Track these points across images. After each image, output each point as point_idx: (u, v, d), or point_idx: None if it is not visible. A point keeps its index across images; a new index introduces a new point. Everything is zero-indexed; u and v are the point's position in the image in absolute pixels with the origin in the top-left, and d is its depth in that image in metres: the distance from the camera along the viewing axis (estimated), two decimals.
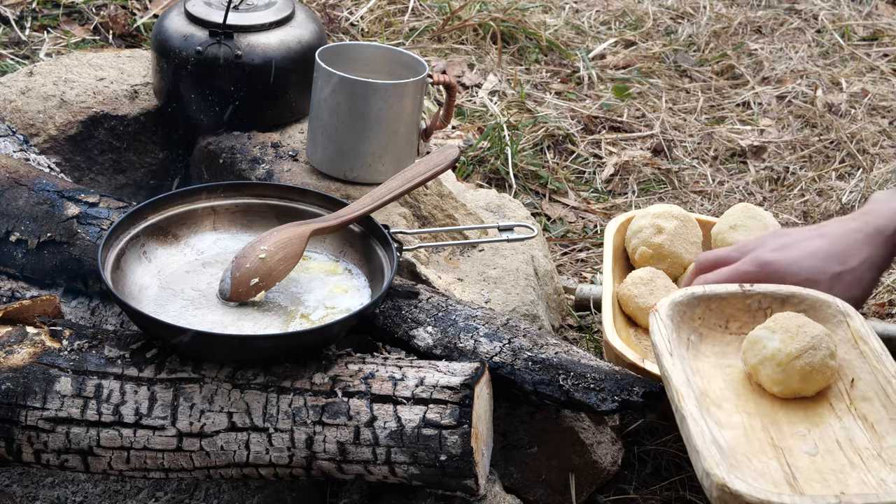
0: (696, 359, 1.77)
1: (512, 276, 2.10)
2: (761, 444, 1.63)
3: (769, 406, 1.70)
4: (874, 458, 1.61)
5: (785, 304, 1.79)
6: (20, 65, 2.89)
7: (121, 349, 1.71)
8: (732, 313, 1.81)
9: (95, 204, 1.95)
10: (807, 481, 1.58)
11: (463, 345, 1.76)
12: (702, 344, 1.80)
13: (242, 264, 1.81)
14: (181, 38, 2.24)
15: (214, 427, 1.66)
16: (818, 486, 1.57)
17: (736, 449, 1.60)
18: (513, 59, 3.27)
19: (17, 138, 2.20)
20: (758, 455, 1.61)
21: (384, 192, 1.90)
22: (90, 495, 1.82)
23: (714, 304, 1.81)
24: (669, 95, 3.16)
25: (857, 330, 1.75)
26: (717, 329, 1.81)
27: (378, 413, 1.64)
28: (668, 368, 1.67)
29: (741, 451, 1.61)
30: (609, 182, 2.85)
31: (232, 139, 2.27)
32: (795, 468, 1.60)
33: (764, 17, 3.57)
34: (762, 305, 1.80)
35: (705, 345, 1.80)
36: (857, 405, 1.69)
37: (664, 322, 1.75)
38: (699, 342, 1.79)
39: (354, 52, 2.21)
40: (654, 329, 1.74)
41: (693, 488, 1.98)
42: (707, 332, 1.81)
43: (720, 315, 1.81)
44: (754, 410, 1.69)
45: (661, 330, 1.73)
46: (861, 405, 1.69)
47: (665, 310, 1.77)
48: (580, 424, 1.88)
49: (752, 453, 1.61)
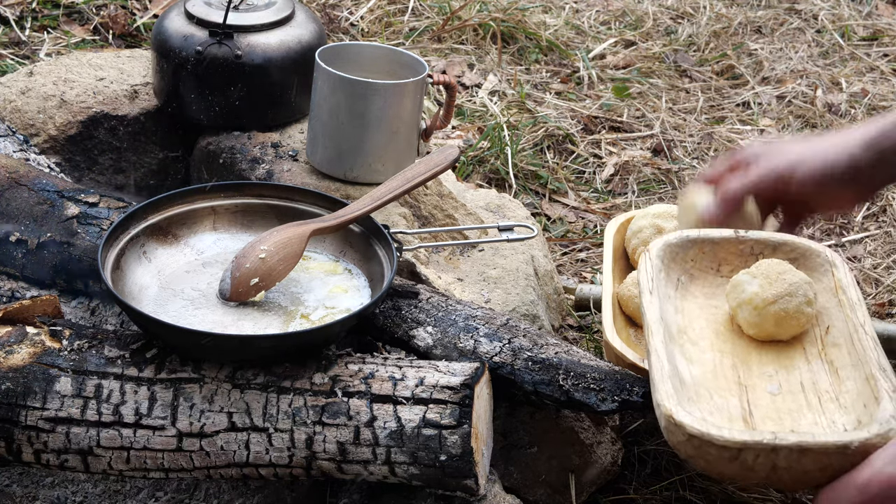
0: (684, 298, 1.84)
1: (512, 276, 2.10)
2: (727, 381, 1.70)
3: (744, 347, 1.78)
4: (832, 401, 1.67)
5: (776, 250, 1.86)
6: (20, 65, 2.89)
7: (121, 349, 1.71)
8: (725, 257, 1.87)
9: (95, 204, 1.95)
10: (762, 419, 1.65)
11: (463, 345, 1.76)
12: (692, 285, 1.86)
13: (242, 264, 1.81)
14: (181, 38, 2.24)
15: (214, 427, 1.66)
16: (771, 423, 1.64)
17: (700, 384, 1.68)
18: (513, 59, 3.27)
19: (17, 138, 2.20)
20: (721, 391, 1.68)
21: (384, 192, 1.90)
22: (90, 495, 1.82)
23: (707, 248, 1.87)
24: (669, 95, 3.16)
25: (839, 280, 1.81)
26: (709, 272, 1.87)
27: (378, 413, 1.64)
28: (644, 305, 1.74)
29: (705, 387, 1.68)
30: (609, 182, 2.85)
31: (232, 139, 2.27)
32: (754, 406, 1.66)
33: (764, 17, 3.57)
34: (754, 251, 1.86)
35: (695, 286, 1.86)
36: (827, 351, 1.76)
37: (652, 262, 1.81)
38: (689, 283, 1.86)
39: (354, 52, 2.21)
40: (641, 267, 1.81)
41: (693, 488, 1.98)
42: (699, 273, 1.87)
43: (713, 258, 1.87)
44: (729, 350, 1.77)
45: (647, 269, 1.80)
46: (831, 351, 1.75)
47: (656, 250, 1.83)
48: (580, 424, 1.88)
49: (715, 389, 1.68)
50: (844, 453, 1.52)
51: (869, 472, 1.50)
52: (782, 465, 1.54)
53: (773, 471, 1.55)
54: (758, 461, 1.54)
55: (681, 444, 1.57)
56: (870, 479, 1.49)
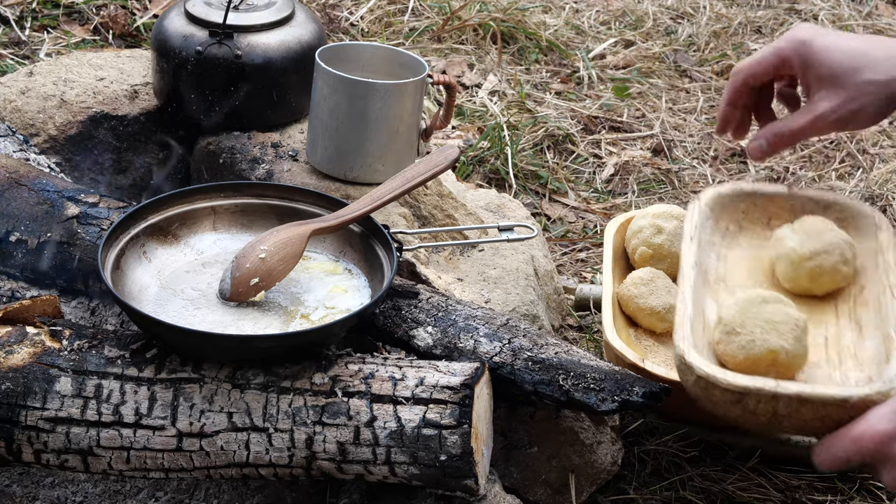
0: (730, 247, 1.87)
1: (512, 276, 2.10)
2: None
3: None
4: (850, 358, 1.71)
5: (827, 210, 1.88)
6: (20, 65, 2.89)
7: (121, 349, 1.71)
8: (776, 211, 1.90)
9: (95, 204, 1.95)
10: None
11: (463, 345, 1.76)
12: (740, 235, 1.89)
13: (242, 264, 1.81)
14: (181, 38, 2.23)
15: (214, 427, 1.66)
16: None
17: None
18: (513, 59, 3.27)
19: (17, 138, 2.20)
20: None
21: (384, 192, 1.90)
22: (90, 495, 1.82)
23: (759, 201, 1.90)
24: (669, 95, 3.16)
25: (881, 242, 1.83)
26: (759, 224, 1.90)
27: (378, 413, 1.64)
28: (683, 251, 1.78)
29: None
30: (609, 182, 2.85)
31: (232, 139, 2.27)
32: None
33: (764, 17, 3.57)
34: (805, 208, 1.89)
35: (743, 236, 1.89)
36: (857, 310, 1.78)
37: (701, 209, 1.85)
38: (738, 233, 1.89)
39: (354, 52, 2.21)
40: (688, 215, 1.84)
41: (693, 488, 1.98)
42: (749, 225, 1.90)
43: (763, 212, 1.90)
44: None
45: (693, 216, 1.83)
46: (860, 310, 1.78)
47: (706, 199, 1.87)
48: (580, 424, 1.88)
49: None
50: (843, 406, 1.56)
51: (864, 426, 1.53)
52: (782, 413, 1.58)
53: (774, 417, 1.58)
54: (759, 406, 1.57)
55: (691, 385, 1.62)
56: (863, 433, 1.52)
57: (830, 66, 1.75)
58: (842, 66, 1.75)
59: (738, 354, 1.66)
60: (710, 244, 1.84)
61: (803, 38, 1.77)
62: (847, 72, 1.75)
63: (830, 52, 1.76)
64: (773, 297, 1.70)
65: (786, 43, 1.78)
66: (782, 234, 1.84)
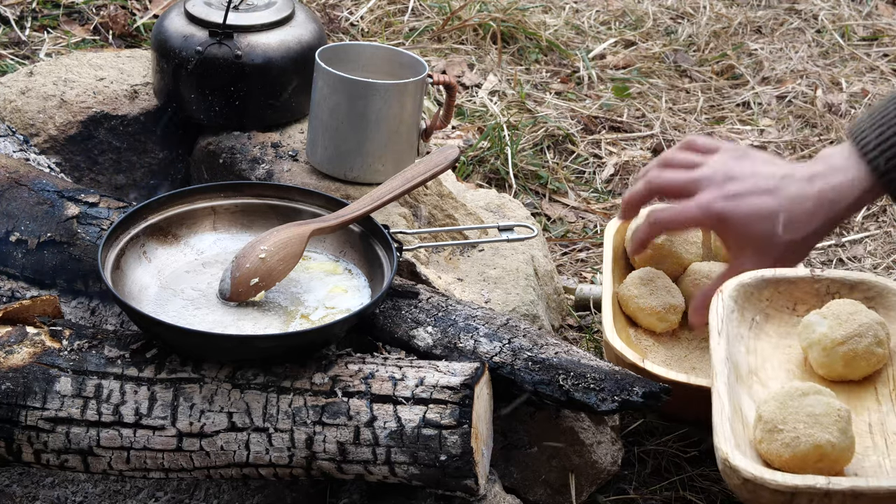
0: (758, 338, 1.83)
1: (512, 276, 2.10)
2: None
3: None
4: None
5: (853, 290, 1.85)
6: (20, 65, 2.89)
7: (121, 349, 1.71)
8: (801, 296, 1.86)
9: (95, 204, 1.95)
10: None
11: (463, 345, 1.76)
12: (766, 324, 1.85)
13: (242, 264, 1.81)
14: (181, 38, 2.23)
15: (214, 427, 1.66)
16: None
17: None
18: (513, 59, 3.27)
19: (17, 138, 2.20)
20: None
21: (384, 192, 1.90)
22: (90, 495, 1.82)
23: (783, 287, 1.86)
24: (669, 95, 3.16)
25: None
26: (785, 311, 1.86)
27: (378, 413, 1.64)
28: (712, 346, 1.74)
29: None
30: (609, 182, 2.85)
31: (232, 139, 2.27)
32: None
33: (764, 17, 3.57)
34: (830, 290, 1.86)
35: (770, 325, 1.85)
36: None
37: (724, 302, 1.81)
38: (764, 322, 1.85)
39: (354, 52, 2.21)
40: (712, 308, 1.80)
41: (693, 488, 1.98)
42: (774, 313, 1.86)
43: (788, 297, 1.86)
44: None
45: (717, 310, 1.79)
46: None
47: (729, 290, 1.82)
48: (580, 424, 1.88)
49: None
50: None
51: None
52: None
53: None
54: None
55: (736, 487, 1.57)
56: None
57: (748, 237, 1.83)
58: (759, 235, 1.82)
59: (784, 453, 1.61)
60: (739, 337, 1.80)
61: (719, 211, 1.82)
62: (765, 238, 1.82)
63: (746, 222, 1.82)
64: (811, 389, 1.65)
65: (702, 214, 1.84)
66: (811, 320, 1.79)
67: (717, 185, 1.84)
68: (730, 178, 1.85)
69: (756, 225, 1.81)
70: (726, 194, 1.83)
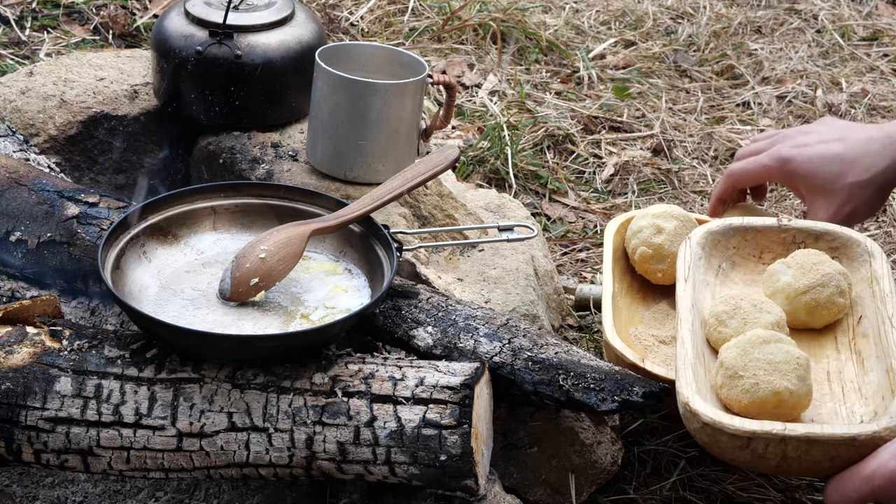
0: (724, 285, 1.87)
1: (512, 276, 2.10)
2: None
3: None
4: (854, 392, 1.71)
5: (818, 240, 1.89)
6: (20, 65, 2.89)
7: (121, 349, 1.71)
8: (767, 245, 1.90)
9: (95, 204, 1.95)
10: None
11: (463, 345, 1.76)
12: (733, 272, 1.89)
13: (242, 264, 1.81)
14: (181, 38, 2.24)
15: (214, 427, 1.66)
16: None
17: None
18: (513, 59, 3.27)
19: (17, 138, 2.20)
20: None
21: (384, 192, 1.90)
22: (90, 495, 1.82)
23: (750, 235, 1.90)
24: (669, 95, 3.16)
25: (875, 270, 1.83)
26: (751, 259, 1.90)
27: (378, 413, 1.64)
28: (678, 293, 1.79)
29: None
30: (609, 182, 2.85)
31: (232, 139, 2.27)
32: None
33: (764, 17, 3.57)
34: (797, 240, 1.90)
35: (736, 272, 1.89)
36: (857, 341, 1.79)
37: (692, 249, 1.85)
38: (730, 270, 1.89)
39: (354, 52, 2.21)
40: (680, 255, 1.85)
41: (693, 488, 1.98)
42: (740, 260, 1.90)
43: (755, 246, 1.90)
44: None
45: (685, 257, 1.84)
46: (860, 341, 1.78)
47: (697, 238, 1.87)
48: (580, 424, 1.88)
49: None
50: (852, 445, 1.55)
51: (875, 464, 1.53)
52: (792, 455, 1.57)
53: (784, 460, 1.57)
54: (768, 450, 1.57)
55: (696, 431, 1.62)
56: (875, 471, 1.53)
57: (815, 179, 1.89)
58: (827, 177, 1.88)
59: (743, 398, 1.64)
60: (705, 284, 1.83)
61: (786, 156, 1.91)
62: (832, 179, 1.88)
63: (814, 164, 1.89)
64: (772, 337, 1.69)
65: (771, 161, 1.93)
66: (776, 269, 1.84)
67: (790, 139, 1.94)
68: (803, 132, 1.95)
69: (822, 167, 1.87)
70: (796, 143, 1.92)
